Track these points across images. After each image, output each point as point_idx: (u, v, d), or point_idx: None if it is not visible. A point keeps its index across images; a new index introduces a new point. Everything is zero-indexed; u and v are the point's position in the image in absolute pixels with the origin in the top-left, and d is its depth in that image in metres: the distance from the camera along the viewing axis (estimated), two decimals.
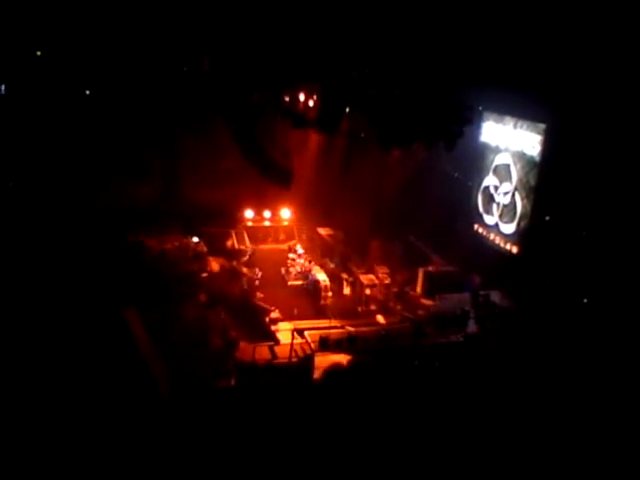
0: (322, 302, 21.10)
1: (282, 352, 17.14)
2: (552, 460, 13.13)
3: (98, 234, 21.61)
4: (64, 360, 14.71)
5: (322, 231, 25.61)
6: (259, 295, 20.98)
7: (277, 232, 24.95)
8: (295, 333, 17.78)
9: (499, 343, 17.88)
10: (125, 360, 15.34)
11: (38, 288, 17.35)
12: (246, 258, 23.05)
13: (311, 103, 23.49)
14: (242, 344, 17.58)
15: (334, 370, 16.54)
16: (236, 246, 23.95)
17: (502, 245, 22.60)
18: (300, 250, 23.59)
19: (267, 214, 25.19)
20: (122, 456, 12.21)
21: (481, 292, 20.21)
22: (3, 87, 22.70)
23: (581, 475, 12.82)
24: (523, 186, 21.65)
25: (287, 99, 23.87)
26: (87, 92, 23.92)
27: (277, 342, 17.97)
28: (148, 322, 17.79)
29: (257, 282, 21.72)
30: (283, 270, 23.00)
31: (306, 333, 18.14)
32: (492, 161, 23.51)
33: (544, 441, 13.64)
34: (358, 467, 12.69)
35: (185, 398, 14.63)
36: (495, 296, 20.18)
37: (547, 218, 20.21)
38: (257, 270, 22.14)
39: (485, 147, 23.91)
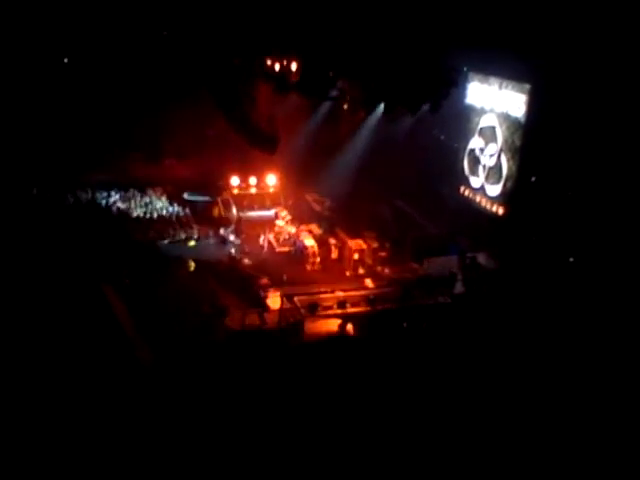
0: (310, 268, 21.14)
1: (272, 318, 17.21)
2: (541, 419, 13.40)
3: (80, 206, 21.46)
4: (47, 336, 14.67)
5: (309, 197, 25.51)
6: (247, 262, 20.97)
7: (263, 199, 24.80)
8: (284, 299, 17.83)
9: (486, 304, 18.07)
10: (106, 334, 15.35)
11: (17, 264, 17.22)
12: (232, 226, 22.98)
13: (294, 67, 23.14)
14: (231, 311, 17.61)
15: (323, 335, 16.73)
16: (222, 214, 23.83)
17: (488, 207, 22.69)
18: (287, 216, 23.51)
19: (253, 181, 24.99)
20: (107, 428, 12.27)
21: (468, 254, 20.36)
22: None
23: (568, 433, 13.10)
24: (509, 147, 21.65)
25: (269, 63, 23.52)
26: (65, 60, 23.42)
27: (266, 308, 18.01)
28: (135, 292, 17.78)
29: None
30: (271, 236, 22.96)
31: (295, 299, 18.20)
32: (477, 123, 23.42)
33: (534, 399, 13.90)
34: (348, 433, 12.86)
35: (173, 366, 14.69)
36: (482, 258, 20.35)
37: (533, 179, 20.28)
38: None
39: (470, 109, 23.78)
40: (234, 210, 23.85)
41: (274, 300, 18.19)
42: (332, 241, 22.24)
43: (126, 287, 17.86)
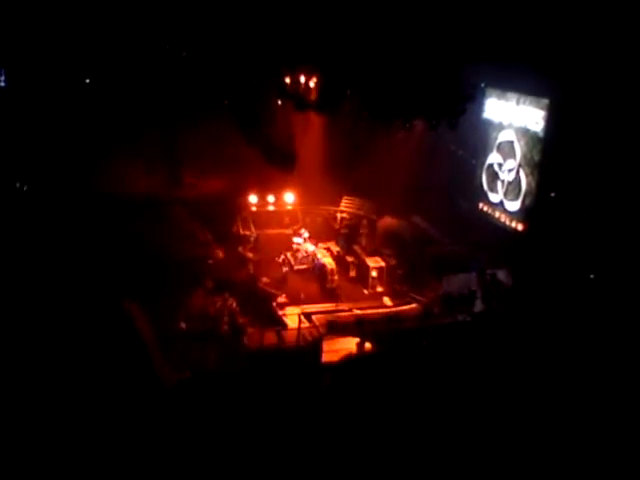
0: (328, 286, 21.09)
1: (290, 337, 17.19)
2: (561, 439, 13.17)
3: (101, 224, 21.63)
4: (68, 354, 14.81)
5: (327, 214, 25.50)
6: (265, 280, 21.00)
7: (281, 216, 24.88)
8: (302, 317, 17.81)
9: (507, 321, 17.85)
10: (129, 353, 15.43)
11: (41, 282, 17.44)
12: (251, 244, 23.04)
13: (312, 84, 23.29)
14: (250, 330, 17.64)
15: (343, 354, 16.64)
16: (241, 232, 23.92)
17: (507, 223, 22.51)
18: (305, 234, 23.53)
19: (271, 199, 25.10)
20: (126, 445, 12.32)
21: (487, 271, 20.13)
22: (3, 78, 22.64)
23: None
24: (527, 163, 21.50)
25: (288, 81, 23.69)
26: (87, 81, 23.82)
27: (285, 327, 18.02)
28: (156, 310, 17.86)
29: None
30: (289, 254, 22.99)
31: (313, 317, 18.19)
32: (496, 138, 23.33)
33: (554, 420, 13.68)
34: (368, 450, 12.76)
35: (192, 384, 14.73)
36: (502, 274, 20.12)
37: (552, 194, 20.07)
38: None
39: (488, 124, 23.70)
40: (252, 228, 23.94)
41: (292, 318, 18.19)
42: (350, 259, 22.23)
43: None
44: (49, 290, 17.13)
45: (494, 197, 23.52)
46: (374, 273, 21.18)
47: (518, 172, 21.96)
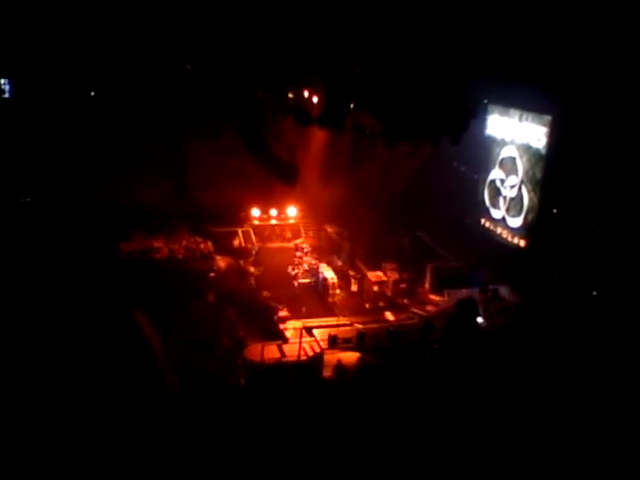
0: (330, 300, 21.07)
1: (291, 350, 17.11)
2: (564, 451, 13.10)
3: (104, 236, 21.74)
4: (76, 362, 14.83)
5: (329, 228, 25.55)
6: (266, 293, 20.97)
7: (284, 230, 24.90)
8: (304, 331, 17.75)
9: (509, 337, 17.79)
10: (138, 362, 15.44)
11: (46, 291, 17.49)
12: (253, 257, 23.05)
13: (315, 99, 23.43)
14: (250, 343, 17.58)
15: (344, 368, 16.56)
16: (243, 245, 23.94)
17: (509, 239, 22.51)
18: (307, 248, 23.54)
19: (273, 212, 25.15)
20: (132, 454, 12.28)
21: (489, 287, 20.12)
22: (8, 87, 22.82)
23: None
24: (529, 179, 21.55)
25: (291, 96, 23.82)
26: (92, 93, 24.00)
27: (286, 340, 17.94)
28: (157, 322, 17.86)
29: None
30: (290, 268, 22.99)
31: (315, 331, 18.12)
32: (498, 154, 23.40)
33: (557, 434, 13.61)
34: (369, 464, 12.69)
35: (195, 398, 14.68)
36: (504, 290, 20.10)
37: (554, 211, 20.09)
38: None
39: (491, 140, 23.78)
40: (254, 241, 23.97)
41: (293, 332, 18.14)
42: (352, 273, 22.23)
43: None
44: (58, 300, 17.19)
45: (496, 213, 23.56)
46: (376, 287, 21.15)
47: (520, 188, 22.00)
